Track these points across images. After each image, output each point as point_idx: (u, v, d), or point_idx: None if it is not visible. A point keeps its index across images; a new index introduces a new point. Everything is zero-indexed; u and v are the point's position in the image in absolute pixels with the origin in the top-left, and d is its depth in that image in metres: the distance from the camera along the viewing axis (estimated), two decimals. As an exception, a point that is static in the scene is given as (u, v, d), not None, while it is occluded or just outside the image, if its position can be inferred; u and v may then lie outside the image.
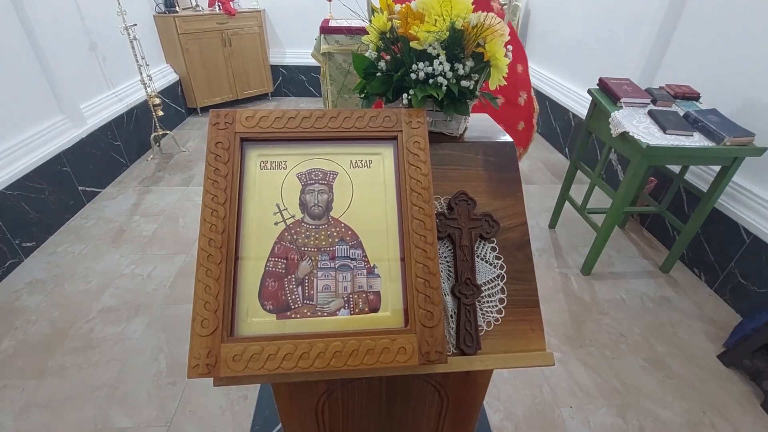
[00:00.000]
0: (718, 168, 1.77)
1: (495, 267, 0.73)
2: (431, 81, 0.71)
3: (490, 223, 0.74)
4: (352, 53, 0.79)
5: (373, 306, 0.64)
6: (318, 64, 3.12)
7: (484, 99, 0.82)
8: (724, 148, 1.59)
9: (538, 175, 3.06)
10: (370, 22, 0.76)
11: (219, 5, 3.70)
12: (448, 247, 0.73)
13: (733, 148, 1.59)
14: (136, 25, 2.79)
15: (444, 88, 0.71)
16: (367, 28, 0.77)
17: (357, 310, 0.64)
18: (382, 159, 0.70)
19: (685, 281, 2.04)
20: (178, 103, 3.75)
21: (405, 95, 0.73)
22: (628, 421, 1.40)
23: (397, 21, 0.74)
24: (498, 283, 0.73)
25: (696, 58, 2.12)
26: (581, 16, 3.13)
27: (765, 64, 1.76)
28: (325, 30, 2.88)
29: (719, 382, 1.54)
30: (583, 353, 1.64)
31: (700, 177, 2.06)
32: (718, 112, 1.73)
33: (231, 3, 3.73)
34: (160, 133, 3.11)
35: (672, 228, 2.23)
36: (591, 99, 1.98)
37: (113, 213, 2.45)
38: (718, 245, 1.96)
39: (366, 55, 0.78)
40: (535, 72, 3.87)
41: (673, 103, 1.84)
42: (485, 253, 0.74)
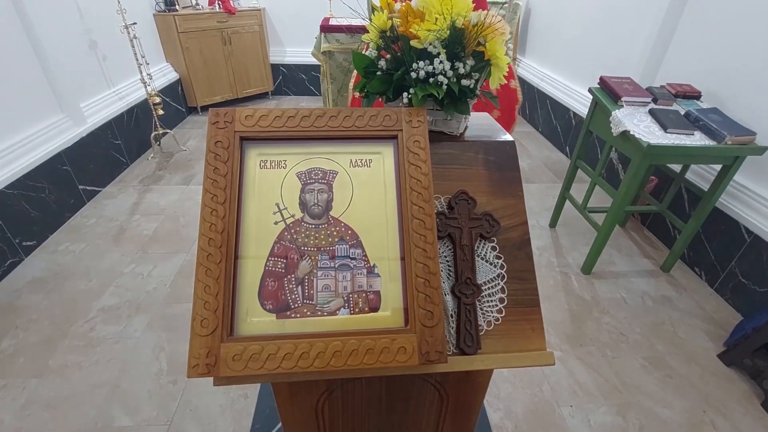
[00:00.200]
0: (719, 167, 1.77)
1: (495, 266, 0.73)
2: (431, 80, 0.71)
3: (491, 222, 0.74)
4: (352, 52, 0.78)
5: (373, 305, 0.64)
6: (318, 63, 3.12)
7: (484, 98, 0.82)
8: (725, 147, 1.59)
9: (539, 174, 3.06)
10: (370, 20, 0.76)
11: (219, 4, 3.69)
12: (448, 246, 0.73)
13: (734, 147, 1.59)
14: (136, 23, 2.79)
15: (444, 87, 0.70)
16: (368, 27, 0.77)
17: (357, 310, 0.64)
18: (382, 158, 0.70)
19: (686, 280, 2.04)
20: (178, 102, 3.75)
21: (405, 94, 0.73)
22: (629, 420, 1.40)
23: (398, 19, 0.74)
24: (498, 283, 0.73)
25: (697, 56, 2.11)
26: (582, 14, 3.12)
27: (766, 63, 1.76)
28: (326, 29, 2.87)
29: (719, 382, 1.54)
30: (584, 352, 1.64)
31: (700, 176, 2.06)
32: (720, 111, 1.73)
33: (231, 1, 3.73)
34: (161, 132, 3.10)
35: (673, 227, 2.22)
36: (592, 98, 1.97)
37: (114, 212, 2.45)
38: (719, 244, 1.96)
39: (366, 53, 0.78)
40: (535, 71, 3.86)
41: (674, 102, 1.84)
42: (485, 252, 0.74)
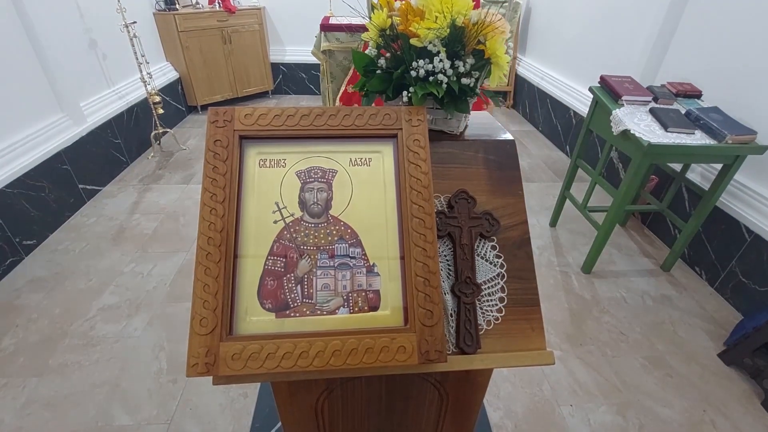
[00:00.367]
0: (719, 166, 1.77)
1: (495, 266, 0.73)
2: (431, 78, 0.71)
3: (491, 221, 0.73)
4: (352, 50, 0.78)
5: (373, 305, 0.64)
6: (318, 62, 3.12)
7: (484, 97, 0.81)
8: (726, 146, 1.58)
9: (539, 173, 3.06)
10: (370, 19, 0.76)
11: (219, 3, 3.69)
12: (448, 245, 0.73)
13: (734, 146, 1.59)
14: (135, 22, 2.78)
15: (444, 86, 0.70)
16: (367, 25, 0.76)
17: (356, 309, 0.63)
18: (382, 157, 0.70)
19: (686, 280, 2.04)
20: (178, 101, 3.75)
21: (405, 93, 0.73)
22: (629, 419, 1.40)
23: (397, 18, 0.74)
24: (498, 282, 0.72)
25: (698, 55, 2.11)
26: (582, 13, 3.12)
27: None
28: (326, 27, 2.87)
29: (720, 381, 1.54)
30: (584, 351, 1.64)
31: (701, 175, 2.06)
32: (720, 110, 1.73)
33: (231, 0, 3.72)
34: (161, 131, 3.10)
35: (673, 226, 2.22)
36: (592, 97, 1.97)
37: (114, 211, 2.45)
38: (720, 244, 1.95)
39: (366, 52, 0.78)
40: (536, 69, 3.86)
41: (674, 101, 1.84)
42: (485, 251, 0.74)
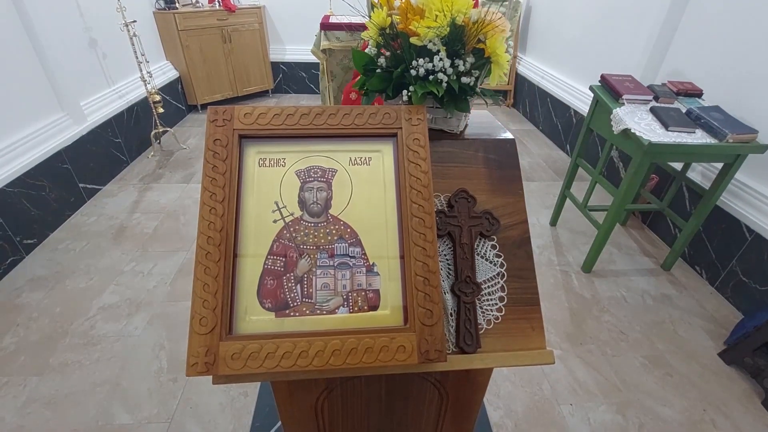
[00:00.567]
0: (720, 165, 1.76)
1: (495, 265, 0.73)
2: (431, 77, 0.70)
3: (491, 220, 0.73)
4: (352, 49, 0.78)
5: (372, 304, 0.64)
6: (318, 61, 3.11)
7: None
8: (727, 145, 1.58)
9: (539, 172, 3.05)
10: (370, 17, 0.75)
11: (219, 1, 3.68)
12: (447, 244, 0.73)
13: (735, 145, 1.58)
14: (135, 21, 2.78)
15: (444, 85, 0.70)
16: (367, 24, 0.76)
17: (356, 309, 0.63)
18: (382, 156, 0.70)
19: (687, 279, 2.04)
20: (178, 100, 3.74)
21: (405, 92, 0.73)
22: (629, 418, 1.40)
23: (397, 17, 0.73)
24: (498, 281, 0.72)
25: (699, 54, 2.10)
26: (583, 12, 3.11)
27: (768, 60, 1.75)
28: (326, 26, 2.86)
29: (720, 380, 1.54)
30: (584, 351, 1.64)
31: (702, 174, 2.05)
32: (721, 109, 1.72)
33: (231, -1, 3.72)
34: (161, 130, 3.10)
35: (673, 225, 2.22)
36: (592, 95, 1.96)
37: (114, 210, 2.45)
38: (720, 243, 1.95)
39: (366, 51, 0.77)
40: (536, 68, 3.85)
41: (675, 100, 1.83)
42: (485, 250, 0.74)
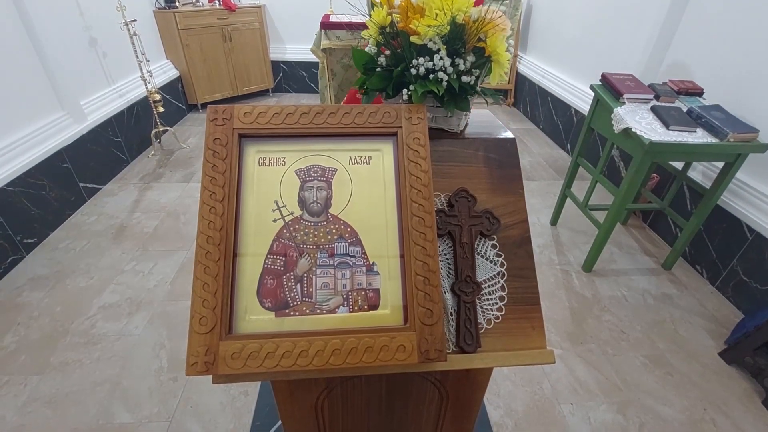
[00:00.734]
0: (721, 164, 1.76)
1: (495, 264, 0.73)
2: (431, 76, 0.70)
3: (491, 220, 0.73)
4: (352, 48, 0.78)
5: (372, 303, 0.64)
6: (317, 60, 3.11)
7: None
8: (728, 144, 1.58)
9: (540, 171, 3.05)
10: (370, 16, 0.75)
11: (219, 0, 3.68)
12: (448, 244, 0.73)
13: (736, 145, 1.58)
14: (135, 20, 2.78)
15: (444, 84, 0.70)
16: (367, 23, 0.76)
17: (356, 308, 0.63)
18: (382, 155, 0.70)
19: (687, 278, 2.04)
20: (178, 100, 3.74)
21: (405, 91, 0.72)
22: (629, 418, 1.40)
23: (397, 15, 0.73)
24: (498, 281, 0.72)
25: (700, 53, 2.10)
26: (584, 10, 3.10)
27: (770, 59, 1.75)
28: (326, 25, 2.86)
29: (720, 380, 1.53)
30: (584, 350, 1.63)
31: (702, 173, 2.05)
32: (722, 108, 1.72)
33: (231, -2, 3.71)
34: (161, 129, 3.10)
35: (674, 225, 2.21)
36: (593, 95, 1.96)
37: (114, 209, 2.45)
38: (721, 242, 1.95)
39: (366, 50, 0.77)
40: (536, 67, 3.84)
41: (676, 99, 1.83)
42: (485, 250, 0.73)
